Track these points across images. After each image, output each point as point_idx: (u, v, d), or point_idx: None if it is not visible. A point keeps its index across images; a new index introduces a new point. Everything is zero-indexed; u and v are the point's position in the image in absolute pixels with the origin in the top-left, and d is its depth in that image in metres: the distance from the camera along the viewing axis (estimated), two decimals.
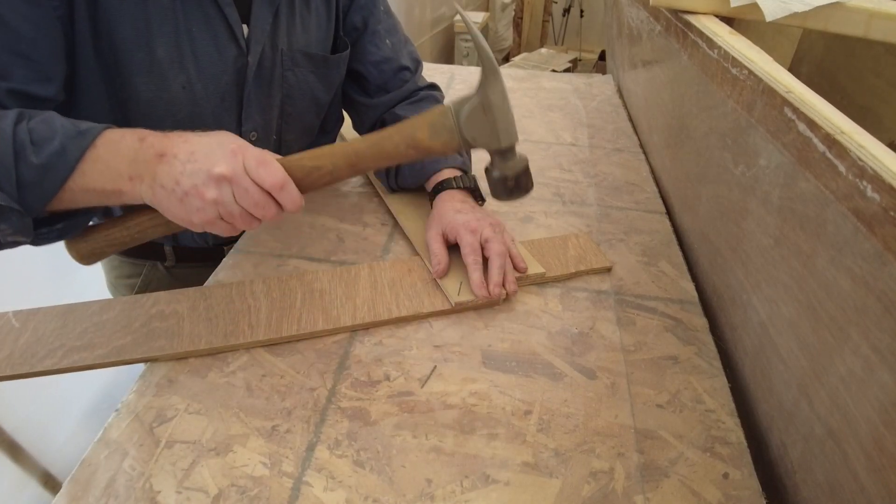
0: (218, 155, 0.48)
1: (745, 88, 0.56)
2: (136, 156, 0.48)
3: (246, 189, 0.48)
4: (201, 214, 0.48)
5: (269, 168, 0.49)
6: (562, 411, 0.54)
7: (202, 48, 0.61)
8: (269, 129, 0.73)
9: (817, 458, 0.46)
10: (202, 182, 0.47)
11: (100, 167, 0.48)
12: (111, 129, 0.50)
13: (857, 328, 0.40)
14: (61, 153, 0.47)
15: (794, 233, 0.48)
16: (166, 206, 0.48)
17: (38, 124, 0.48)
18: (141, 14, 0.56)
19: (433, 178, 0.76)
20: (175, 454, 0.49)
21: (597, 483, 0.48)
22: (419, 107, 0.82)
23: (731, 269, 0.63)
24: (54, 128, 0.48)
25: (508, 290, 0.65)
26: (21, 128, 0.47)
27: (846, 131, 0.41)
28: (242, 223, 0.50)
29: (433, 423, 0.53)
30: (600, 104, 1.24)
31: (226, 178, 0.47)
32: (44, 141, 0.47)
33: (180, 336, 0.58)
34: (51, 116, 0.49)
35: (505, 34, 3.74)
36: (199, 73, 0.62)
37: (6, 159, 0.46)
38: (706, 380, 0.58)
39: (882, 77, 0.97)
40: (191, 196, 0.47)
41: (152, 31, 0.57)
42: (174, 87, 0.61)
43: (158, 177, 0.48)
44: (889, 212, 0.35)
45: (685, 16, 0.75)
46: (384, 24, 0.80)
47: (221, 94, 0.65)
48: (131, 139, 0.49)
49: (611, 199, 0.88)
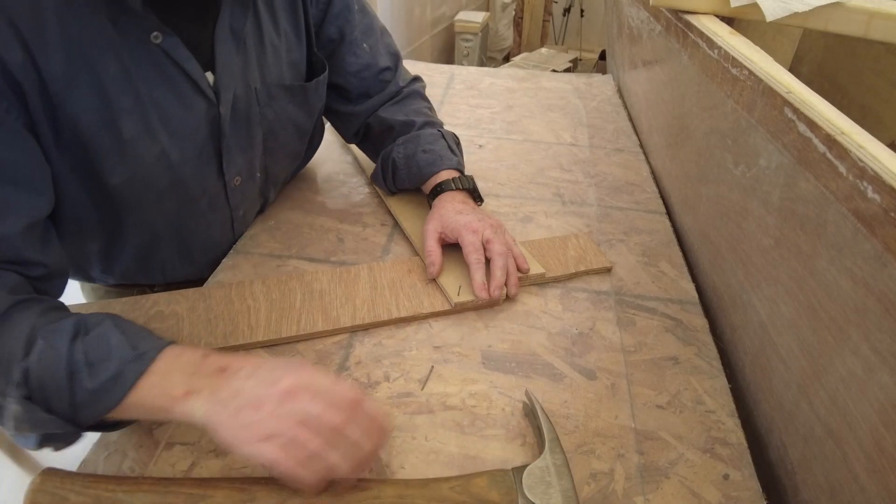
0: (280, 371, 0.44)
1: (745, 88, 0.56)
2: (196, 370, 0.44)
3: (319, 416, 0.41)
4: (252, 430, 0.41)
5: (341, 385, 0.44)
6: (562, 412, 0.54)
7: (170, 112, 0.56)
8: (253, 167, 0.70)
9: (817, 458, 0.46)
10: (262, 398, 0.42)
11: (155, 385, 0.44)
12: (171, 348, 0.46)
13: (857, 329, 0.40)
14: (117, 378, 0.43)
15: (795, 233, 0.48)
16: (218, 420, 0.42)
17: (94, 342, 0.44)
18: (97, 95, 0.51)
19: (431, 180, 0.75)
20: (174, 455, 0.49)
21: (597, 484, 0.48)
22: (404, 105, 0.81)
23: (731, 269, 0.63)
24: (110, 347, 0.44)
25: (510, 293, 0.65)
26: (77, 347, 0.43)
27: (846, 132, 0.41)
28: (303, 455, 0.40)
29: (433, 424, 0.53)
30: (600, 104, 1.24)
31: (289, 394, 0.42)
32: (99, 363, 0.43)
33: (179, 337, 0.58)
34: (107, 331, 0.45)
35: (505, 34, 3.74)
36: (172, 138, 0.58)
37: (61, 381, 0.42)
38: (706, 380, 0.58)
39: (882, 77, 0.96)
40: (246, 412, 0.41)
41: (114, 110, 0.52)
42: (149, 161, 0.57)
43: (216, 391, 0.43)
44: (889, 212, 0.35)
45: (685, 16, 0.75)
46: (360, 28, 0.76)
47: (198, 151, 0.61)
48: (192, 356, 0.45)
49: (611, 200, 0.88)
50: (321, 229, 0.78)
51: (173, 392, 0.43)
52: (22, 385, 0.42)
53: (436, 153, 0.76)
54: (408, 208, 0.80)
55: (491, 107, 1.19)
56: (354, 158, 0.95)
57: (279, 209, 0.82)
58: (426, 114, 0.82)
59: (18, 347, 0.43)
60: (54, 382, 0.42)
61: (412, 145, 0.77)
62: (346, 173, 0.92)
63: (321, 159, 0.95)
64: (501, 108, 1.19)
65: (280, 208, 0.82)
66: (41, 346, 0.43)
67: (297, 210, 0.82)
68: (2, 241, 0.47)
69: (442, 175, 0.75)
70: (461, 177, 0.75)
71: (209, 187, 0.64)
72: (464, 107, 1.18)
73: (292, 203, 0.84)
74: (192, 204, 0.63)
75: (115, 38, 0.50)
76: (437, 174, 0.75)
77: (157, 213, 0.61)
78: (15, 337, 0.43)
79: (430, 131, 0.79)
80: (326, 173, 0.92)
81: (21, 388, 0.42)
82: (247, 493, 0.44)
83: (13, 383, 0.42)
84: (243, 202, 0.71)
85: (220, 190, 0.66)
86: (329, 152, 0.98)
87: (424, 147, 0.76)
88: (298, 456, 0.40)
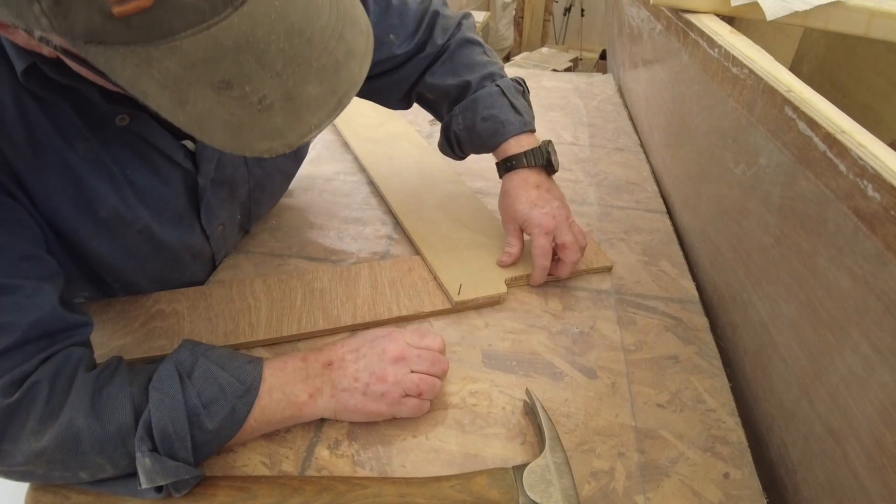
0: (381, 344, 0.52)
1: (745, 87, 0.56)
2: (306, 375, 0.50)
3: (419, 355, 0.52)
4: (387, 398, 0.50)
5: (428, 336, 0.54)
6: (562, 411, 0.54)
7: (146, 187, 0.54)
8: (234, 213, 0.68)
9: (818, 457, 0.46)
10: (380, 369, 0.50)
11: (274, 402, 0.48)
12: (269, 366, 0.49)
13: (857, 327, 0.40)
14: (232, 415, 0.46)
15: (795, 232, 0.48)
16: (352, 405, 0.50)
17: (202, 384, 0.46)
18: (70, 183, 0.49)
19: (500, 151, 0.70)
20: None
21: (597, 483, 0.48)
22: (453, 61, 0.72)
23: (731, 268, 0.63)
24: (220, 385, 0.46)
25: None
26: (190, 393, 0.45)
27: (846, 130, 0.41)
28: (426, 388, 0.51)
29: (433, 422, 0.53)
30: (601, 103, 1.24)
31: (400, 358, 0.51)
32: (213, 403, 0.45)
33: (180, 335, 0.58)
34: (209, 371, 0.47)
35: (506, 33, 3.73)
36: (151, 211, 0.55)
37: (182, 427, 0.44)
38: (707, 379, 0.58)
39: (883, 75, 0.96)
40: (373, 385, 0.50)
41: (89, 196, 0.50)
42: (130, 235, 0.55)
43: (336, 382, 0.50)
44: (889, 211, 0.35)
45: (686, 15, 0.75)
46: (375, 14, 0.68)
47: (178, 218, 0.59)
48: (293, 363, 0.50)
49: (611, 199, 0.88)
50: (322, 228, 0.78)
51: (298, 400, 0.49)
52: (146, 439, 0.43)
53: (497, 119, 0.69)
54: (408, 207, 0.80)
55: None
56: (354, 157, 0.95)
57: (279, 208, 0.82)
58: (481, 65, 0.73)
59: (127, 410, 0.44)
60: (176, 429, 0.43)
61: (470, 114, 0.70)
62: (346, 172, 0.92)
63: (321, 159, 0.95)
64: None
65: (280, 207, 0.82)
66: (155, 397, 0.44)
67: (297, 209, 0.82)
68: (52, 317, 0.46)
69: (510, 145, 0.69)
70: (534, 150, 0.68)
71: (193, 244, 0.63)
72: None
73: (292, 202, 0.84)
74: (175, 261, 0.62)
75: (79, 124, 0.48)
76: (504, 144, 0.69)
77: (142, 274, 0.60)
78: (119, 404, 0.44)
79: (489, 90, 0.70)
80: (327, 172, 0.92)
81: (146, 442, 0.43)
82: (247, 492, 0.45)
83: (138, 439, 0.43)
84: (225, 244, 0.70)
85: (202, 243, 0.64)
86: (329, 152, 0.98)
87: (483, 114, 0.69)
88: (424, 401, 0.52)
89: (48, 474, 0.44)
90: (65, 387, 0.44)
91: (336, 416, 0.51)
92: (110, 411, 0.44)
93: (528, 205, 0.66)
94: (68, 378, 0.44)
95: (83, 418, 0.43)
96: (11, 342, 0.43)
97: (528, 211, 0.66)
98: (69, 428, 0.42)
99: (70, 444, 0.42)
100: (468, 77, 0.71)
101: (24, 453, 0.42)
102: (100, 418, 0.43)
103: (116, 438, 0.43)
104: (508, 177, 0.69)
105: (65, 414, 0.43)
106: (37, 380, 0.43)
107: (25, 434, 0.42)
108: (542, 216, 0.65)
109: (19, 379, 0.43)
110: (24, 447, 0.42)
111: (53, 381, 0.44)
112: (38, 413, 0.42)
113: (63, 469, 0.43)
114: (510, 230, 0.69)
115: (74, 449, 0.42)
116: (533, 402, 0.52)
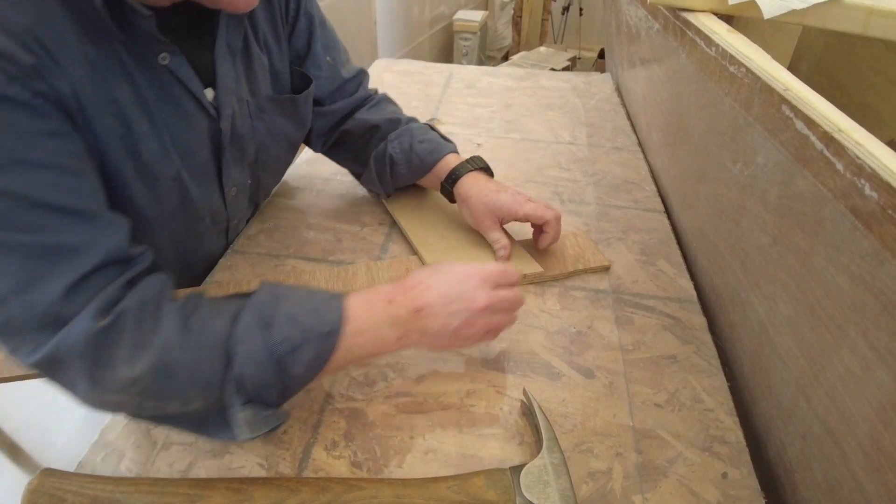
0: (470, 291, 0.52)
1: (742, 86, 0.56)
2: (394, 320, 0.51)
3: (502, 300, 0.54)
4: (473, 339, 0.53)
5: (507, 273, 0.56)
6: (560, 411, 0.54)
7: (178, 132, 0.56)
8: (245, 177, 0.70)
9: (816, 457, 0.46)
10: (470, 316, 0.52)
11: (359, 346, 0.50)
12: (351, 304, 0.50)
13: (855, 327, 0.40)
14: (317, 358, 0.47)
15: (793, 231, 0.48)
16: (438, 345, 0.53)
17: (287, 329, 0.46)
18: (119, 122, 0.51)
19: (440, 167, 0.74)
20: (172, 456, 0.49)
21: (595, 483, 0.48)
22: (380, 108, 0.80)
23: (729, 267, 0.63)
24: (304, 330, 0.47)
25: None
26: (275, 341, 0.45)
27: (844, 129, 0.41)
28: (504, 327, 0.55)
29: (431, 423, 0.53)
30: (599, 102, 1.24)
31: (489, 307, 0.52)
32: (298, 349, 0.46)
33: None
34: (292, 315, 0.47)
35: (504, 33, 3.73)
36: (183, 158, 0.58)
37: (271, 376, 0.45)
38: (705, 379, 0.58)
39: (881, 74, 0.96)
40: (462, 330, 0.52)
41: (135, 137, 0.52)
42: (165, 182, 0.57)
43: (427, 328, 0.51)
44: (887, 210, 0.35)
45: (683, 14, 0.75)
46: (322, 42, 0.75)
47: (203, 169, 0.62)
48: (380, 306, 0.51)
49: (609, 198, 0.88)
50: (319, 228, 0.78)
51: (385, 342, 0.51)
52: (239, 392, 0.45)
53: (433, 141, 0.75)
54: (406, 207, 0.80)
55: (490, 106, 1.19)
56: None
57: (277, 209, 0.82)
58: (405, 114, 0.82)
59: (217, 359, 0.45)
60: (266, 378, 0.45)
61: (406, 138, 0.76)
62: (343, 172, 0.91)
63: (319, 158, 0.94)
64: (500, 106, 1.19)
65: (278, 208, 0.82)
66: (244, 348, 0.45)
67: (294, 210, 0.82)
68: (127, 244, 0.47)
69: (450, 160, 0.74)
70: (471, 158, 0.74)
71: (212, 202, 0.65)
72: (462, 106, 1.18)
73: (290, 203, 0.84)
74: (197, 221, 0.64)
75: (128, 62, 0.50)
76: (444, 159, 0.74)
77: (168, 233, 0.61)
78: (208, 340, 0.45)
79: (419, 125, 0.79)
80: (325, 172, 0.91)
81: (239, 396, 0.45)
82: (244, 494, 0.44)
83: (232, 393, 0.44)
84: (237, 212, 0.72)
85: (220, 204, 0.66)
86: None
87: (420, 138, 0.75)
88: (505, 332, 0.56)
89: (141, 404, 0.44)
90: (154, 316, 0.45)
91: (417, 348, 0.53)
92: (200, 345, 0.45)
93: (494, 193, 0.69)
94: (156, 307, 0.45)
95: (176, 349, 0.44)
96: (91, 266, 0.44)
97: (496, 197, 0.69)
98: (163, 356, 0.43)
99: (164, 373, 0.43)
100: (399, 116, 0.80)
101: (118, 381, 0.42)
102: (191, 351, 0.44)
103: (206, 377, 0.44)
104: (461, 183, 0.72)
105: (157, 343, 0.43)
106: (126, 307, 0.44)
107: (119, 361, 0.42)
108: (512, 195, 0.69)
109: (108, 304, 0.44)
110: (119, 374, 0.42)
111: (142, 309, 0.45)
112: (129, 340, 0.43)
113: (156, 399, 0.44)
114: (488, 226, 0.70)
115: (168, 378, 0.43)
116: (530, 403, 0.52)
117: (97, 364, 0.42)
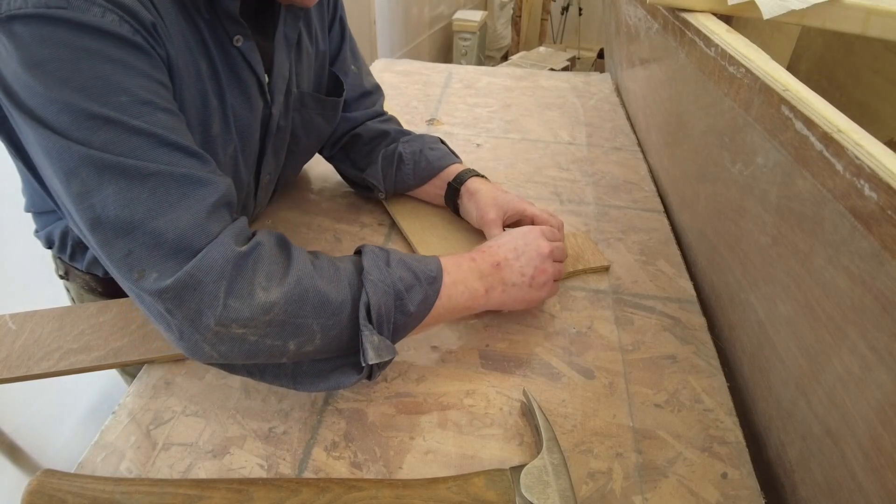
0: (533, 242, 0.60)
1: (742, 86, 0.56)
2: (480, 274, 0.57)
3: (559, 247, 0.63)
4: (546, 286, 0.61)
5: (554, 228, 0.65)
6: (559, 411, 0.54)
7: (239, 112, 0.59)
8: (277, 168, 0.72)
9: (815, 457, 0.46)
10: (540, 263, 0.60)
11: (458, 295, 0.55)
12: (445, 262, 0.56)
13: (854, 327, 0.40)
14: (425, 300, 0.52)
15: (792, 231, 0.48)
16: (519, 297, 0.59)
17: (401, 270, 0.52)
18: (198, 95, 0.53)
19: (445, 172, 0.77)
20: (172, 456, 0.49)
21: (595, 483, 0.48)
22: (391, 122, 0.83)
23: (729, 267, 0.63)
24: (414, 272, 0.52)
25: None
26: (395, 277, 0.50)
27: (843, 129, 0.41)
28: (561, 273, 0.63)
29: (431, 423, 0.53)
30: (598, 102, 1.24)
31: (551, 253, 0.61)
32: (412, 289, 0.51)
33: None
34: (403, 260, 0.53)
35: (503, 33, 3.74)
36: (240, 139, 0.60)
37: (389, 311, 0.49)
38: (704, 379, 0.58)
39: (881, 74, 0.96)
40: (537, 277, 0.59)
41: (209, 110, 0.54)
42: (224, 160, 0.59)
43: (507, 279, 0.58)
44: (886, 210, 0.35)
45: (683, 14, 0.75)
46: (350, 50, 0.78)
47: (253, 151, 0.64)
48: (467, 263, 0.58)
49: (609, 198, 0.88)
50: (319, 229, 0.78)
51: (476, 294, 0.57)
52: (368, 319, 0.48)
53: (443, 150, 0.79)
54: (406, 208, 0.80)
55: (489, 105, 1.19)
56: None
57: (277, 208, 0.82)
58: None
59: (349, 287, 0.49)
60: (388, 309, 0.49)
61: (418, 143, 0.79)
62: None
63: (318, 159, 0.94)
64: (499, 106, 1.19)
65: (278, 208, 0.82)
66: (371, 280, 0.49)
67: (294, 209, 0.82)
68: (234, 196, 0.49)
69: (456, 167, 0.77)
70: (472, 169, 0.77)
71: (250, 186, 0.67)
72: (462, 106, 1.18)
73: (290, 202, 0.83)
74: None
75: (208, 40, 0.52)
76: (451, 167, 0.77)
77: None
78: (336, 276, 0.49)
79: (430, 136, 0.81)
80: (324, 173, 0.91)
81: (368, 324, 0.48)
82: (244, 494, 0.44)
83: (363, 318, 0.48)
84: (263, 200, 0.74)
85: (253, 190, 0.69)
86: None
87: (430, 145, 0.79)
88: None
89: (259, 342, 0.45)
90: (286, 252, 0.48)
91: (503, 307, 0.60)
92: (332, 277, 0.48)
93: (502, 192, 0.72)
94: (287, 245, 0.49)
95: (309, 278, 0.47)
96: (216, 199, 0.46)
97: (505, 195, 0.71)
98: (297, 286, 0.46)
99: (296, 303, 0.45)
100: (408, 129, 0.83)
101: (253, 307, 0.44)
102: (325, 280, 0.48)
103: (335, 306, 0.47)
104: (470, 181, 0.75)
105: (292, 273, 0.46)
106: (262, 240, 0.47)
107: (257, 286, 0.44)
108: (514, 197, 0.71)
109: (243, 234, 0.47)
110: (256, 300, 0.44)
111: (276, 244, 0.48)
112: (266, 270, 0.45)
113: (277, 335, 0.45)
114: (492, 220, 0.70)
115: (299, 309, 0.45)
116: (530, 403, 0.52)
117: (232, 288, 0.43)
